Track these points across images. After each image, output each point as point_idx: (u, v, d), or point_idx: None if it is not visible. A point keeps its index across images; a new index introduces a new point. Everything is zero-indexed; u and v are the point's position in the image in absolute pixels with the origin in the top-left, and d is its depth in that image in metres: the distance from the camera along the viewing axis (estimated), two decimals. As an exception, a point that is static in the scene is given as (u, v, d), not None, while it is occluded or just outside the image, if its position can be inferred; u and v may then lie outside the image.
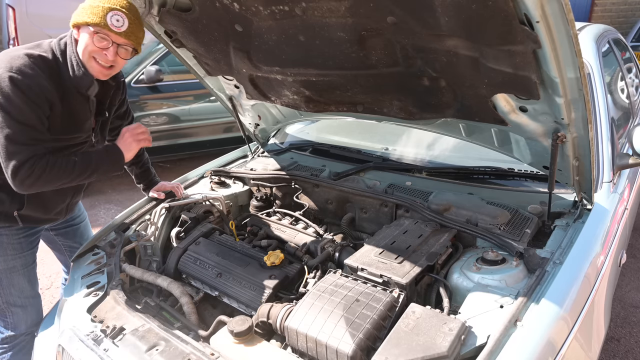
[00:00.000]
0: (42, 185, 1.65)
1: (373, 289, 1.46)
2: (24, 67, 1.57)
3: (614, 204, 1.91)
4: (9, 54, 1.60)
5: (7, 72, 1.54)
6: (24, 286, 1.93)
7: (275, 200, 2.44)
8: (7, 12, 5.33)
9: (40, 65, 1.61)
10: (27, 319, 1.97)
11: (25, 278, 1.93)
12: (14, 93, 1.54)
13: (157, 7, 1.78)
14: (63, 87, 1.67)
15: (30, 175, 1.59)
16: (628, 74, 3.25)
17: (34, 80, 1.57)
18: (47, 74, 1.62)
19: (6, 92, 1.53)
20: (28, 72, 1.57)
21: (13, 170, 1.58)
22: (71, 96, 1.70)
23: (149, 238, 2.01)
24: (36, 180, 1.61)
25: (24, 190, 1.64)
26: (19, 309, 1.94)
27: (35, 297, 2.01)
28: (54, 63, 1.66)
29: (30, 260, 1.95)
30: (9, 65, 1.55)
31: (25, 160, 1.57)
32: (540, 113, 1.53)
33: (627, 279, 3.23)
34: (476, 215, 1.79)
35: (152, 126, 4.96)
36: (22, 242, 1.89)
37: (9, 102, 1.54)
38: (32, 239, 1.94)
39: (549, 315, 1.30)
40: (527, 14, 1.13)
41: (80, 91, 1.73)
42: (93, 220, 4.39)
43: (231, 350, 1.37)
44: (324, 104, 2.11)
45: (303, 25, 1.56)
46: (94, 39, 1.62)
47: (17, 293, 1.91)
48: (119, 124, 2.07)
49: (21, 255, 1.90)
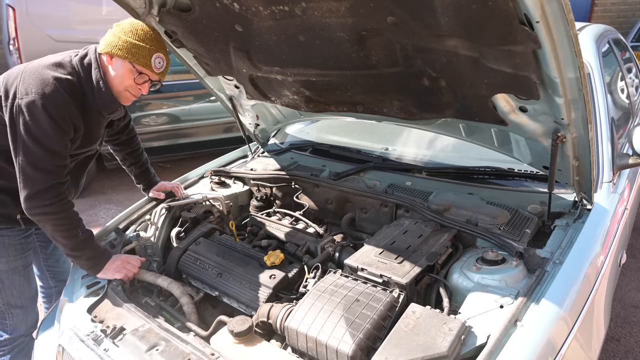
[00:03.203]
0: (42, 221, 1.66)
1: (373, 289, 1.46)
2: (54, 93, 1.59)
3: (613, 204, 1.91)
4: (36, 76, 1.60)
5: (40, 99, 1.56)
6: (25, 287, 1.94)
7: (275, 200, 2.44)
8: (7, 12, 5.32)
9: (68, 91, 1.63)
10: (27, 320, 1.98)
11: (25, 278, 1.94)
12: (45, 121, 1.56)
13: (157, 7, 1.78)
14: (85, 109, 1.70)
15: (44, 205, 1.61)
16: (628, 74, 3.25)
17: (64, 108, 1.60)
18: (74, 98, 1.65)
19: (37, 119, 1.56)
20: (59, 99, 1.59)
21: (30, 195, 1.60)
22: (91, 117, 1.74)
23: (149, 238, 2.01)
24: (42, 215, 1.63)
25: (29, 214, 1.65)
26: (19, 310, 1.94)
27: (34, 297, 2.01)
28: (79, 85, 1.68)
29: (29, 261, 1.96)
30: (41, 91, 1.57)
31: (45, 188, 1.60)
32: (540, 113, 1.53)
33: (627, 279, 3.23)
34: (476, 215, 1.79)
35: (152, 126, 4.97)
36: (23, 243, 1.90)
37: (39, 129, 1.56)
38: (30, 239, 1.95)
39: (549, 315, 1.30)
40: (527, 14, 1.13)
41: (102, 113, 1.77)
42: (93, 220, 4.39)
43: (231, 350, 1.37)
44: (324, 104, 2.11)
45: (303, 25, 1.56)
46: (135, 78, 1.69)
47: (18, 294, 1.92)
48: (116, 124, 2.08)
49: (22, 255, 1.90)
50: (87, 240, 1.72)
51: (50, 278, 2.23)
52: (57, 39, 5.46)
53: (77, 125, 1.67)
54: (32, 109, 1.55)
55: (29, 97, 1.56)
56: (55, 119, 1.57)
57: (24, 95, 1.57)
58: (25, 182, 1.60)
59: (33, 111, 1.55)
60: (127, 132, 2.17)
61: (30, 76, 1.61)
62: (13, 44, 5.42)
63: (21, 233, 1.88)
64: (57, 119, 1.58)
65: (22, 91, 1.58)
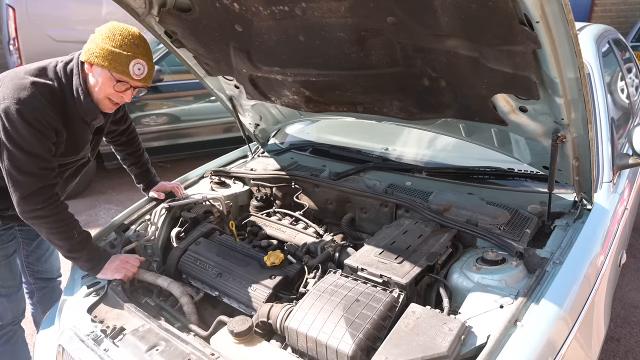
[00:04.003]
0: (37, 225, 1.66)
1: (373, 289, 1.46)
2: (30, 98, 1.57)
3: (613, 204, 1.91)
4: (15, 82, 1.60)
5: (14, 105, 1.55)
6: (7, 276, 1.96)
7: (275, 201, 2.44)
8: (7, 12, 5.32)
9: (46, 95, 1.61)
10: (13, 308, 2.00)
11: (7, 268, 1.96)
12: (22, 126, 1.55)
13: (157, 7, 1.78)
14: (67, 115, 1.69)
15: (36, 209, 1.61)
16: (628, 74, 3.25)
17: (40, 112, 1.59)
18: (52, 103, 1.63)
19: (14, 124, 1.55)
20: (34, 104, 1.58)
21: (20, 199, 1.60)
22: (74, 122, 1.72)
23: (149, 238, 2.01)
24: (36, 219, 1.64)
25: (23, 219, 1.66)
26: (4, 299, 1.97)
27: (18, 286, 2.04)
28: (59, 91, 1.66)
29: (10, 251, 1.97)
30: (16, 96, 1.56)
31: (34, 191, 1.60)
32: (540, 113, 1.53)
33: (627, 279, 3.23)
34: (476, 215, 1.79)
35: (152, 126, 4.97)
36: (2, 235, 1.91)
37: (17, 134, 1.56)
38: (11, 231, 1.97)
39: (549, 315, 1.30)
40: (527, 14, 1.13)
41: (84, 120, 1.75)
42: (93, 220, 4.39)
43: (231, 350, 1.37)
44: (324, 104, 2.11)
45: (303, 25, 1.56)
46: (114, 86, 1.66)
47: (1, 283, 1.94)
48: (114, 128, 2.08)
49: (2, 247, 1.92)
50: (83, 241, 1.72)
51: (29, 275, 2.23)
52: (57, 39, 5.46)
53: (58, 129, 1.65)
54: (9, 114, 1.55)
55: (5, 102, 1.56)
56: (32, 124, 1.56)
57: (1, 100, 1.57)
58: (13, 186, 1.61)
59: (10, 116, 1.55)
60: (128, 133, 2.17)
61: (10, 82, 1.61)
62: (13, 44, 5.42)
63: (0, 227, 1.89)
64: (34, 123, 1.57)
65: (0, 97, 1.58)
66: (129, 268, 1.74)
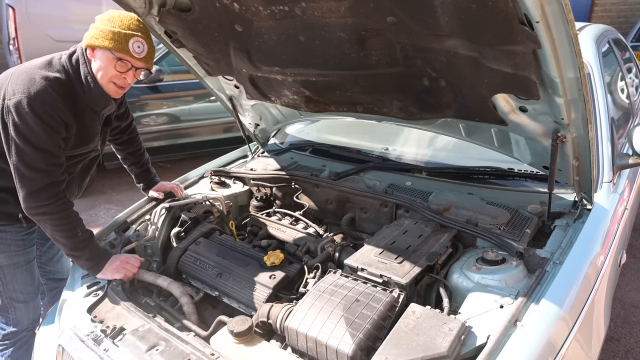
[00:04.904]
0: (42, 221, 1.67)
1: (373, 289, 1.46)
2: (41, 92, 1.58)
3: (613, 204, 1.91)
4: (24, 77, 1.60)
5: (25, 99, 1.56)
6: (27, 281, 1.95)
7: (275, 200, 2.44)
8: (7, 12, 5.33)
9: (56, 89, 1.62)
10: (29, 314, 1.99)
11: (27, 273, 1.95)
12: (33, 120, 1.56)
13: (157, 7, 1.78)
14: (77, 106, 1.69)
15: (42, 205, 1.62)
16: (628, 74, 3.25)
17: (51, 106, 1.59)
18: (63, 96, 1.64)
19: (25, 119, 1.56)
20: (46, 98, 1.58)
21: (27, 194, 1.61)
22: (84, 113, 1.73)
23: (149, 238, 2.01)
24: (41, 215, 1.64)
25: (28, 214, 1.66)
26: (22, 305, 1.95)
27: (36, 292, 2.03)
28: (68, 83, 1.67)
29: (32, 257, 1.97)
30: (27, 91, 1.57)
31: (41, 187, 1.60)
32: (540, 113, 1.53)
33: (627, 279, 3.22)
34: (476, 215, 1.79)
35: (152, 126, 4.97)
36: (25, 239, 1.91)
37: (28, 129, 1.56)
38: (33, 235, 1.96)
39: (549, 315, 1.30)
40: (527, 14, 1.13)
41: (94, 109, 1.76)
42: (93, 220, 4.39)
43: (231, 350, 1.37)
44: (324, 104, 2.11)
45: (303, 25, 1.56)
46: (116, 65, 1.66)
47: (20, 288, 1.93)
48: (117, 124, 2.08)
49: (24, 251, 1.91)
50: (86, 240, 1.72)
51: (40, 275, 2.22)
52: (57, 38, 5.47)
53: (69, 123, 1.66)
54: (20, 109, 1.55)
55: (16, 97, 1.56)
56: (43, 118, 1.57)
57: (12, 95, 1.57)
58: (21, 182, 1.61)
59: (20, 111, 1.55)
60: (129, 132, 2.18)
61: (18, 77, 1.61)
62: (13, 44, 5.42)
63: (23, 230, 1.89)
64: (45, 118, 1.57)
65: (9, 92, 1.59)
66: (129, 268, 1.74)
